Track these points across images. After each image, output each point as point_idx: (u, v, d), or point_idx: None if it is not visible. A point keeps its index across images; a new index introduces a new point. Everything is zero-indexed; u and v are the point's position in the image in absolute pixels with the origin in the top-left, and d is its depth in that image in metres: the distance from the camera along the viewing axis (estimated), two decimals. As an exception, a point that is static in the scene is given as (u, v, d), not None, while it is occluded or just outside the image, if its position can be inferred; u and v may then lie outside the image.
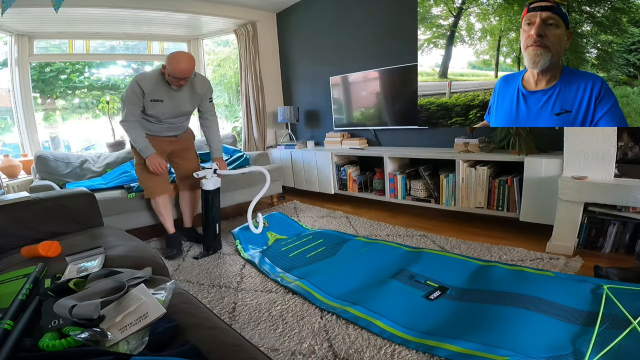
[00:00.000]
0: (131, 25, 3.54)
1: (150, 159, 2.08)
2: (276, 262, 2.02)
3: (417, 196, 2.73)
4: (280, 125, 4.30)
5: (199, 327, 0.78)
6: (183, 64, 1.88)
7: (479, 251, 1.98)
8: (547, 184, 2.01)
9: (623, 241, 1.82)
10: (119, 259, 1.18)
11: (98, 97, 3.70)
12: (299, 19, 3.91)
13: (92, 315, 0.74)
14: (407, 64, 2.82)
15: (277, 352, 1.25)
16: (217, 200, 2.27)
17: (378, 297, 1.53)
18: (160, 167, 2.09)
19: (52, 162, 2.75)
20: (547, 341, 1.16)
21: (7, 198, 1.51)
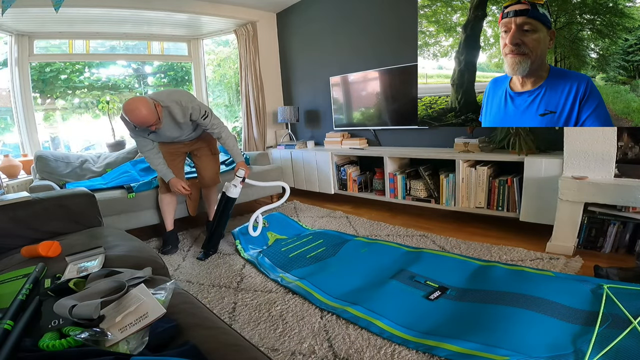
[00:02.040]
0: (131, 25, 3.54)
1: (172, 183, 2.19)
2: (276, 262, 2.01)
3: (417, 196, 2.73)
4: (280, 125, 4.30)
5: (199, 327, 0.78)
6: (136, 116, 1.80)
7: (479, 251, 1.98)
8: (547, 184, 2.01)
9: (623, 241, 1.82)
10: (119, 259, 1.18)
11: (98, 97, 3.70)
12: (299, 19, 3.91)
13: (92, 315, 0.74)
14: (407, 64, 2.82)
15: (277, 352, 1.25)
16: (232, 207, 2.30)
17: (378, 297, 1.53)
18: (183, 190, 2.19)
19: (52, 162, 2.75)
20: (547, 341, 1.16)
21: (7, 198, 1.51)
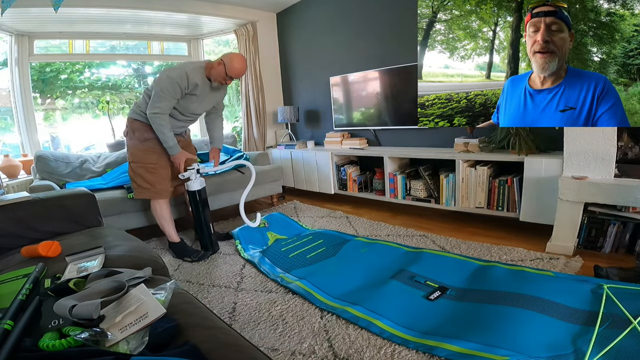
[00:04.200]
0: (131, 25, 3.54)
1: (181, 155, 2.10)
2: (276, 262, 2.02)
3: (417, 196, 2.73)
4: (280, 125, 4.30)
5: (199, 327, 0.78)
6: (244, 66, 2.05)
7: (479, 251, 1.98)
8: (547, 184, 2.01)
9: (623, 241, 1.82)
10: (119, 259, 1.18)
11: (98, 97, 3.70)
12: (298, 19, 3.91)
13: (92, 315, 0.74)
14: (407, 64, 2.82)
15: (277, 352, 1.25)
16: (205, 199, 2.25)
17: (378, 297, 1.53)
18: (181, 167, 2.13)
19: (52, 162, 2.75)
20: (547, 341, 1.16)
21: (7, 198, 1.51)
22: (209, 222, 2.27)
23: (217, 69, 2.01)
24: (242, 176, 2.90)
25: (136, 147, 2.08)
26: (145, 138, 2.06)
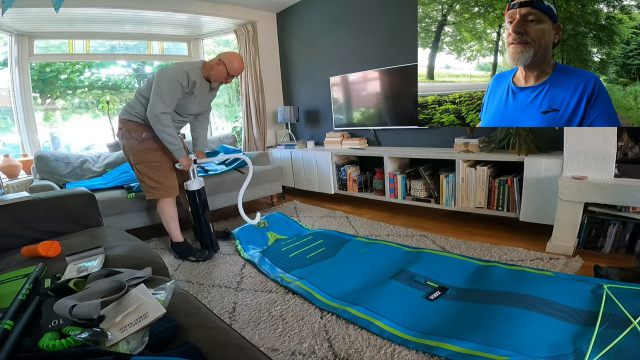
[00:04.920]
0: (131, 25, 3.54)
1: (187, 159, 2.09)
2: (276, 263, 2.01)
3: (417, 196, 2.73)
4: (280, 125, 4.30)
5: (199, 327, 0.78)
6: (243, 64, 2.12)
7: (479, 251, 1.98)
8: (547, 184, 2.01)
9: (623, 241, 1.82)
10: (119, 259, 1.18)
11: (98, 97, 3.70)
12: (299, 19, 3.91)
13: (92, 315, 0.74)
14: (407, 64, 2.82)
15: (277, 352, 1.25)
16: (205, 199, 2.25)
17: (378, 298, 1.53)
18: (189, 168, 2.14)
19: (52, 162, 2.75)
20: (547, 341, 1.16)
21: (7, 198, 1.51)
22: (209, 222, 2.27)
23: (217, 69, 2.01)
24: (241, 176, 2.90)
25: (136, 147, 2.07)
26: (143, 138, 2.05)
